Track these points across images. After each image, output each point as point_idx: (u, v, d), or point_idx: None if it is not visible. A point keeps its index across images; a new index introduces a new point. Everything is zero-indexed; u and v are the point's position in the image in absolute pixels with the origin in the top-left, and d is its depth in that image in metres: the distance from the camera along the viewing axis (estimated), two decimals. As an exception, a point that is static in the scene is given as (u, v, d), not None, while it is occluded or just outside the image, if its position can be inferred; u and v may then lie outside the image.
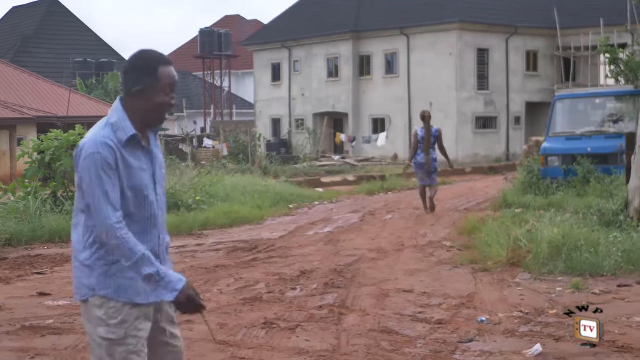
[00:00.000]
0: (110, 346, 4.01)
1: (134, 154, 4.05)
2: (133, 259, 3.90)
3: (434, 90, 44.86)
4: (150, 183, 4.14)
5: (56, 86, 41.89)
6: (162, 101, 4.09)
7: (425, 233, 15.69)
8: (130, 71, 4.08)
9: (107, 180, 3.92)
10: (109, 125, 4.04)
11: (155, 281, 3.94)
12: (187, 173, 22.31)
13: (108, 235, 3.91)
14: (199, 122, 63.93)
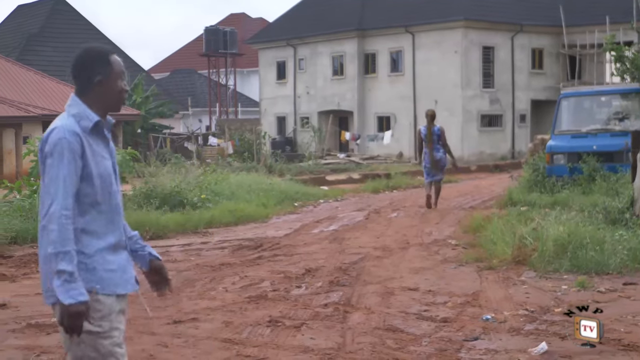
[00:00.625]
0: (95, 340, 4.00)
1: (97, 142, 4.12)
2: (58, 249, 3.83)
3: (439, 88, 44.80)
4: (113, 173, 4.20)
5: (61, 84, 41.93)
6: (120, 87, 4.23)
7: (431, 231, 15.68)
8: (86, 65, 4.18)
9: (69, 167, 3.94)
10: (71, 116, 4.09)
11: (65, 280, 3.83)
12: (192, 171, 22.30)
13: (51, 218, 3.87)
14: (204, 120, 63.93)
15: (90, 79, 4.15)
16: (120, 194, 4.28)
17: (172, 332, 8.00)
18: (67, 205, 3.90)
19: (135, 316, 8.63)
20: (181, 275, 11.32)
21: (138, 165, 20.22)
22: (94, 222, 4.04)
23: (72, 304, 3.83)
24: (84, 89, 4.16)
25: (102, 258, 4.03)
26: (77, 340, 3.96)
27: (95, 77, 4.15)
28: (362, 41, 49.17)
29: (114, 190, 4.17)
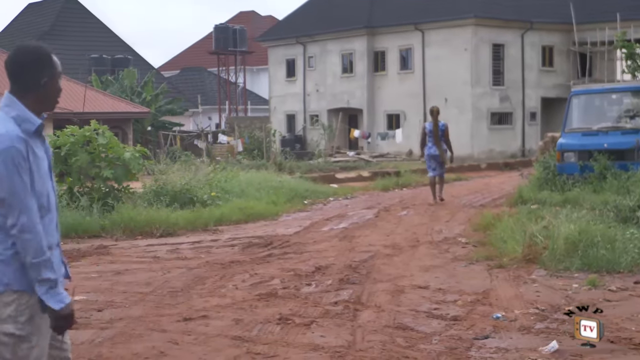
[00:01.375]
0: (15, 343, 3.97)
1: (36, 144, 4.08)
2: (39, 258, 3.87)
3: (449, 85, 44.75)
4: (49, 172, 4.19)
5: (72, 82, 41.98)
6: (60, 88, 4.23)
7: (441, 229, 15.66)
8: (32, 66, 4.10)
9: (24, 174, 3.92)
10: (11, 119, 4.02)
11: (50, 287, 3.90)
12: (202, 169, 22.32)
13: (24, 228, 3.87)
14: (213, 118, 64.01)
15: (37, 80, 4.09)
16: (55, 191, 4.25)
17: (182, 329, 8.00)
18: (36, 213, 3.93)
19: (146, 313, 8.66)
20: (191, 272, 11.33)
21: (148, 163, 20.22)
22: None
23: (62, 307, 3.92)
24: (27, 90, 4.09)
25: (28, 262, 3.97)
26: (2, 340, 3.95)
27: (42, 79, 4.10)
28: (372, 39, 49.14)
29: (50, 190, 4.15)
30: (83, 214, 16.29)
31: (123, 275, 11.21)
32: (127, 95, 46.46)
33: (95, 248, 13.94)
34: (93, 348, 7.31)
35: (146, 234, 15.70)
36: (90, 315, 8.60)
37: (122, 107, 40.62)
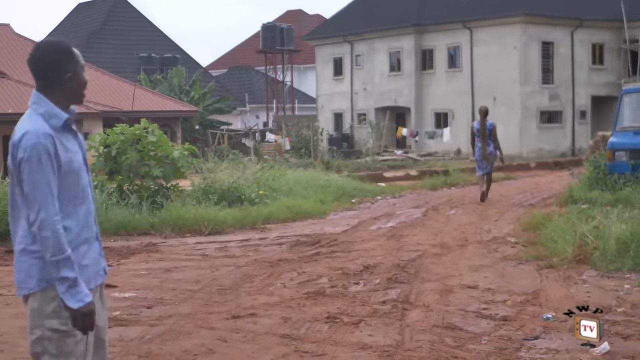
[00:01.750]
0: (60, 338, 4.02)
1: (67, 138, 4.12)
2: (59, 256, 3.88)
3: (498, 84, 44.46)
4: (84, 165, 4.22)
5: (121, 81, 42.37)
6: (85, 80, 4.24)
7: (489, 228, 15.55)
8: (55, 62, 4.13)
9: (49, 171, 3.95)
10: (39, 116, 4.07)
11: (69, 286, 3.90)
12: (249, 167, 22.39)
13: (42, 225, 3.90)
14: (261, 117, 64.18)
15: (62, 76, 4.13)
16: (91, 185, 4.30)
17: (231, 327, 8.03)
18: (56, 209, 3.93)
19: (195, 311, 8.70)
20: (240, 270, 11.37)
21: (196, 161, 20.35)
22: (71, 218, 4.05)
23: (81, 307, 3.93)
24: (52, 86, 4.13)
25: (77, 254, 4.04)
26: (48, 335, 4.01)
27: (66, 74, 4.13)
28: (420, 37, 48.98)
29: (86, 183, 4.20)
30: (132, 211, 16.42)
31: (172, 273, 11.28)
32: (176, 94, 46.73)
33: (145, 245, 14.05)
34: (143, 345, 7.35)
35: (195, 232, 15.79)
36: (139, 312, 8.66)
37: (170, 106, 40.88)
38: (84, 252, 4.10)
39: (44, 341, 4.03)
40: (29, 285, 4.04)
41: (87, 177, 4.23)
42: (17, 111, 31.48)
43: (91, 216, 4.20)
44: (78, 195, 4.10)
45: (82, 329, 3.97)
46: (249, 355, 7.06)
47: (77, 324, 3.95)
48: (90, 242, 4.17)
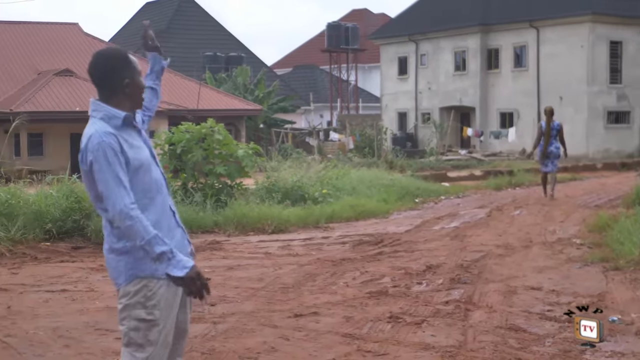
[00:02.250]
0: (147, 328, 4.16)
1: (130, 135, 4.23)
2: (146, 238, 3.98)
3: (564, 84, 43.95)
4: (152, 159, 4.32)
5: (186, 80, 42.78)
6: (142, 84, 4.38)
7: (554, 230, 15.39)
8: (113, 70, 4.25)
9: (117, 165, 4.05)
10: (99, 120, 4.19)
11: (167, 259, 4.00)
12: (313, 166, 22.45)
13: (122, 216, 3.99)
14: (325, 116, 64.30)
15: (120, 83, 4.25)
16: (164, 176, 4.41)
17: (293, 325, 8.06)
18: (131, 198, 4.03)
19: (258, 309, 8.76)
20: (302, 269, 11.40)
21: (260, 160, 20.46)
22: (146, 210, 4.15)
23: (187, 272, 4.02)
24: (112, 93, 4.25)
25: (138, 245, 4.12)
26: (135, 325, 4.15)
27: (124, 80, 4.25)
28: (485, 36, 48.64)
29: (158, 175, 4.32)
30: (197, 209, 16.56)
31: (235, 271, 11.36)
32: (240, 92, 47.03)
33: (208, 243, 14.16)
34: (206, 342, 7.42)
35: (258, 230, 15.87)
36: (203, 310, 8.73)
37: (235, 105, 41.16)
38: (167, 239, 4.17)
39: (130, 332, 4.19)
40: (118, 281, 4.22)
41: (159, 170, 4.37)
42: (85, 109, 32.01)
43: (167, 205, 4.33)
44: (152, 188, 4.23)
45: (199, 292, 4.06)
46: (310, 354, 7.09)
47: (191, 289, 4.05)
48: (171, 230, 4.28)
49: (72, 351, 7.19)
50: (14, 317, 8.52)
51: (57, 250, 13.18)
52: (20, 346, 7.34)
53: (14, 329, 7.96)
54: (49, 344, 7.42)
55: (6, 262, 12.13)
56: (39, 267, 11.80)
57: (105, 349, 7.25)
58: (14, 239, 13.21)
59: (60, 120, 33.70)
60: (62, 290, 9.95)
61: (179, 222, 4.40)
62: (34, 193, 14.78)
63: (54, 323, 8.18)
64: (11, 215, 13.74)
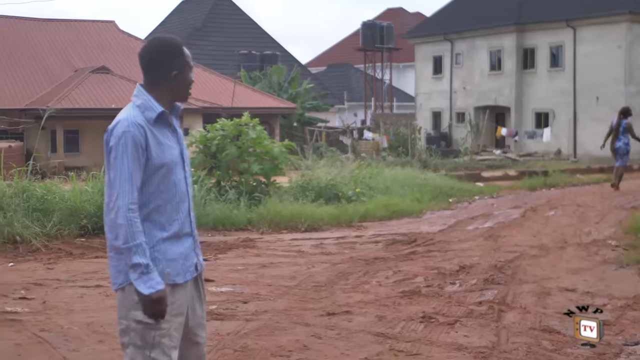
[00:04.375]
0: (145, 330, 4.07)
1: (162, 132, 4.15)
2: (130, 244, 3.92)
3: (601, 84, 43.60)
4: (180, 161, 4.22)
5: (221, 77, 42.92)
6: (191, 79, 4.27)
7: (590, 231, 15.27)
8: (162, 58, 4.18)
9: (133, 159, 3.99)
10: (136, 107, 4.13)
11: (141, 272, 3.93)
12: (347, 165, 22.44)
13: (118, 212, 3.94)
14: (359, 115, 64.27)
15: (167, 73, 4.17)
16: (189, 181, 4.31)
17: (325, 324, 8.06)
18: (133, 198, 3.97)
19: (290, 307, 8.77)
20: (335, 267, 11.40)
21: (294, 158, 20.49)
22: (158, 211, 4.09)
23: (151, 293, 3.95)
24: (157, 81, 4.18)
25: (163, 248, 4.09)
26: (133, 326, 4.08)
27: (172, 71, 4.17)
28: (521, 36, 48.36)
29: (180, 178, 4.20)
30: (230, 207, 16.60)
31: (268, 269, 11.37)
32: (275, 91, 47.11)
33: (242, 241, 14.19)
34: (238, 339, 7.44)
35: (291, 228, 15.89)
36: (236, 307, 8.75)
37: (269, 103, 41.25)
38: (170, 246, 4.13)
39: (129, 332, 4.12)
40: (118, 280, 4.16)
41: (183, 174, 4.24)
42: (120, 106, 32.22)
43: (183, 212, 4.21)
44: (169, 190, 4.13)
45: (152, 315, 4.00)
46: (343, 353, 7.08)
47: (147, 310, 3.98)
48: (180, 237, 4.19)
49: (106, 346, 7.24)
50: (49, 312, 8.59)
51: (92, 246, 13.28)
52: (55, 341, 7.39)
53: (49, 324, 8.03)
54: (83, 339, 7.48)
55: (42, 258, 12.24)
56: (74, 263, 11.89)
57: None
58: (49, 234, 13.35)
59: (96, 117, 33.92)
60: (97, 286, 10.02)
61: (194, 230, 4.31)
62: (69, 189, 14.90)
63: (89, 318, 8.24)
64: (47, 211, 13.87)
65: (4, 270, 11.24)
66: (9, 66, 38.32)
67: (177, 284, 4.15)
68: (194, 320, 4.34)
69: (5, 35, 40.68)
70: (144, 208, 4.05)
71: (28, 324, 8.04)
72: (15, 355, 7.02)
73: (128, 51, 41.60)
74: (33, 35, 41.63)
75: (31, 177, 15.14)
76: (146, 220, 4.05)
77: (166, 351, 4.11)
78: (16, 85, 36.99)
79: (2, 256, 12.34)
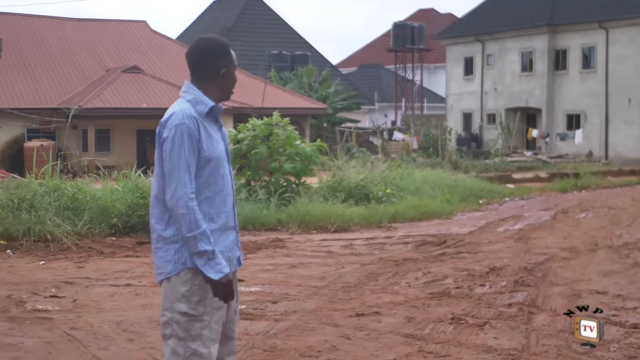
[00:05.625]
0: (188, 322, 4.13)
1: (211, 126, 4.25)
2: (194, 232, 4.00)
3: (633, 85, 43.24)
4: (225, 155, 4.32)
5: (252, 77, 42.97)
6: (236, 78, 4.43)
7: (621, 233, 15.18)
8: (212, 56, 4.29)
9: (190, 150, 4.07)
10: (187, 102, 4.22)
11: (208, 258, 4.04)
12: (377, 166, 22.42)
13: (179, 202, 4.01)
14: (389, 115, 64.18)
15: (216, 70, 4.29)
16: (232, 176, 4.40)
17: (354, 324, 8.06)
18: (192, 187, 4.06)
19: (319, 307, 8.77)
20: (364, 268, 11.40)
21: (324, 158, 20.49)
22: (207, 203, 4.16)
23: (221, 277, 4.06)
24: (206, 79, 4.29)
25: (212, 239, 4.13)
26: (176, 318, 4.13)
27: (221, 69, 4.30)
28: (553, 37, 48.07)
29: (226, 173, 4.30)
30: (260, 207, 16.64)
31: (297, 269, 11.39)
32: (305, 91, 47.12)
33: (271, 241, 14.22)
34: (267, 339, 7.45)
35: (321, 229, 15.90)
36: (265, 307, 8.77)
37: (300, 103, 41.25)
38: (218, 238, 4.20)
39: (172, 324, 4.17)
40: (166, 270, 4.19)
41: (228, 168, 4.35)
42: (151, 106, 32.36)
43: (229, 205, 4.31)
44: (218, 183, 4.22)
45: (223, 298, 4.11)
46: (372, 354, 7.07)
47: (218, 293, 4.09)
48: (225, 230, 4.27)
49: (136, 345, 7.28)
50: (79, 310, 8.65)
51: (122, 245, 13.36)
52: (85, 339, 7.44)
53: (79, 322, 8.08)
54: (113, 338, 7.52)
55: (72, 256, 12.32)
56: (104, 262, 11.97)
57: (168, 344, 7.31)
58: (80, 233, 13.43)
59: (127, 116, 34.09)
60: (127, 285, 10.08)
61: (236, 225, 4.40)
62: (100, 188, 14.99)
63: (119, 317, 8.29)
64: (78, 209, 13.96)
65: (36, 269, 11.33)
66: (42, 65, 38.57)
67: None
68: (229, 315, 4.40)
69: (38, 34, 40.97)
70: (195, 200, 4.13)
71: (58, 322, 8.10)
72: (46, 353, 7.07)
73: (159, 51, 41.78)
74: (66, 34, 41.88)
75: (62, 176, 15.24)
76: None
77: (207, 343, 4.18)
78: (49, 84, 37.24)
79: (34, 254, 12.44)
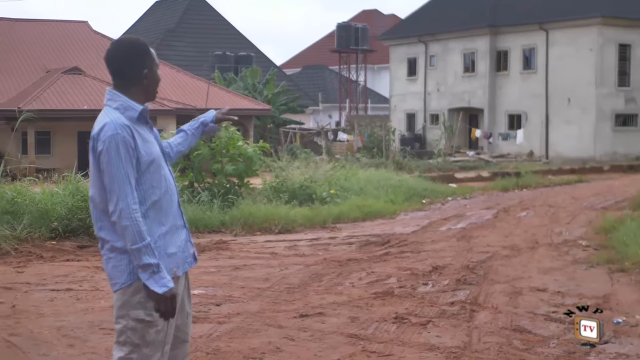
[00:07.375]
0: (144, 328, 4.11)
1: (143, 129, 4.20)
2: (139, 244, 3.95)
3: (573, 86, 43.86)
4: (162, 156, 4.29)
5: (195, 79, 42.74)
6: (159, 77, 4.34)
7: (561, 231, 15.39)
8: (133, 59, 4.20)
9: (127, 161, 4.01)
10: (115, 110, 4.14)
11: (152, 272, 3.98)
12: (321, 166, 22.45)
13: (122, 214, 3.96)
14: (334, 116, 64.30)
15: (139, 72, 4.21)
16: (173, 174, 4.36)
17: (298, 325, 8.06)
18: (134, 198, 4.00)
19: (263, 309, 8.76)
20: (308, 269, 11.41)
21: (268, 160, 20.46)
22: (155, 207, 4.13)
23: (165, 291, 4.00)
24: (129, 83, 4.21)
25: (163, 242, 4.13)
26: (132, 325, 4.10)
27: (143, 70, 4.21)
28: (494, 38, 48.57)
29: (167, 172, 4.27)
30: (204, 209, 16.56)
31: (241, 271, 11.36)
32: (250, 92, 47.02)
33: (215, 243, 14.17)
34: (211, 342, 7.42)
35: (265, 230, 15.88)
36: (208, 310, 8.74)
37: (244, 104, 41.11)
38: (170, 239, 4.18)
39: (127, 331, 4.14)
40: (120, 280, 4.14)
41: (167, 167, 4.32)
42: (93, 107, 32.03)
43: (175, 204, 4.28)
44: (161, 185, 4.18)
45: (165, 314, 4.06)
46: (316, 354, 7.09)
47: (161, 308, 4.04)
48: (175, 229, 4.25)
49: (77, 350, 7.21)
50: (18, 316, 8.53)
51: (63, 249, 13.20)
52: (25, 345, 7.35)
53: (18, 328, 7.97)
54: (54, 343, 7.43)
55: (11, 261, 12.14)
56: (44, 266, 11.82)
57: (109, 349, 7.22)
58: (19, 237, 13.23)
59: (68, 118, 33.68)
60: (67, 289, 9.97)
61: (185, 222, 4.38)
62: (40, 191, 14.79)
63: (59, 322, 8.19)
64: (17, 213, 13.76)
65: (-25, 273, 11.15)
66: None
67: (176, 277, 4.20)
68: (182, 318, 4.38)
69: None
70: (141, 206, 4.07)
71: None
72: (-14, 358, 6.97)
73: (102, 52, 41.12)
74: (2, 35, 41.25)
75: (1, 180, 15.01)
76: (145, 218, 4.07)
77: (159, 347, 4.17)
78: (-14, 87, 36.66)
79: (-27, 259, 12.24)
